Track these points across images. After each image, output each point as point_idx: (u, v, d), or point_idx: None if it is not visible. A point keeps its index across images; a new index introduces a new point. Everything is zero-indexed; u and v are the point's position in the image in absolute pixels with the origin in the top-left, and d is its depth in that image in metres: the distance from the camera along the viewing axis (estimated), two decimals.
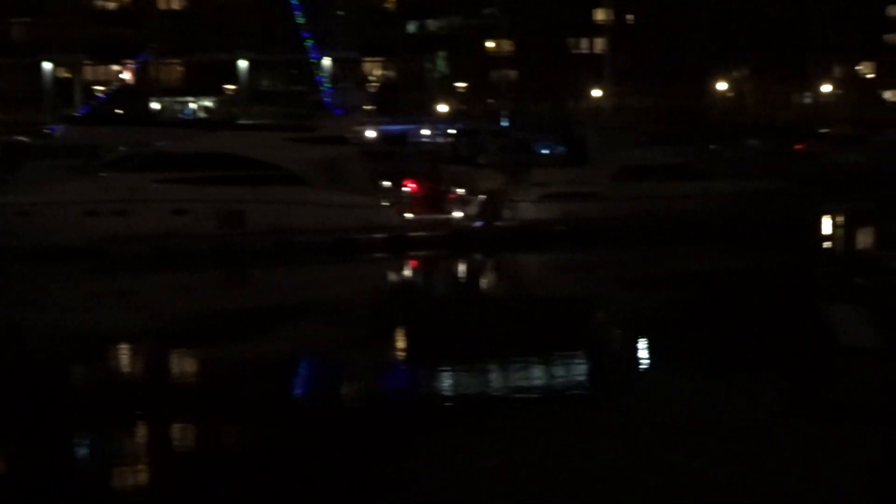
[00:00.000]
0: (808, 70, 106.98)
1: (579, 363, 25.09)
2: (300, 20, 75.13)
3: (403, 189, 42.91)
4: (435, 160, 50.40)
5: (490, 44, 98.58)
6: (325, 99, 72.58)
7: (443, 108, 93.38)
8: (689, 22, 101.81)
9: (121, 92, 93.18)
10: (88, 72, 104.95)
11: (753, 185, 43.85)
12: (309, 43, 76.04)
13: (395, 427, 19.58)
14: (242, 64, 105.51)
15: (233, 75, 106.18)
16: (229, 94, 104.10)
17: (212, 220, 38.47)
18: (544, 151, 52.75)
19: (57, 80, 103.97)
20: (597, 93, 75.39)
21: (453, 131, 61.32)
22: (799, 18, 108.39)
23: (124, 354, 26.95)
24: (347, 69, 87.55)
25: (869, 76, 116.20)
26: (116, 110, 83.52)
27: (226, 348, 26.84)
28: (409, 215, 41.25)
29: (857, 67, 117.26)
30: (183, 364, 26.00)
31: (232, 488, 16.21)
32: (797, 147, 63.22)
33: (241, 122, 61.19)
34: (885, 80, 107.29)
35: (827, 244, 33.42)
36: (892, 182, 43.15)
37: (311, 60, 78.06)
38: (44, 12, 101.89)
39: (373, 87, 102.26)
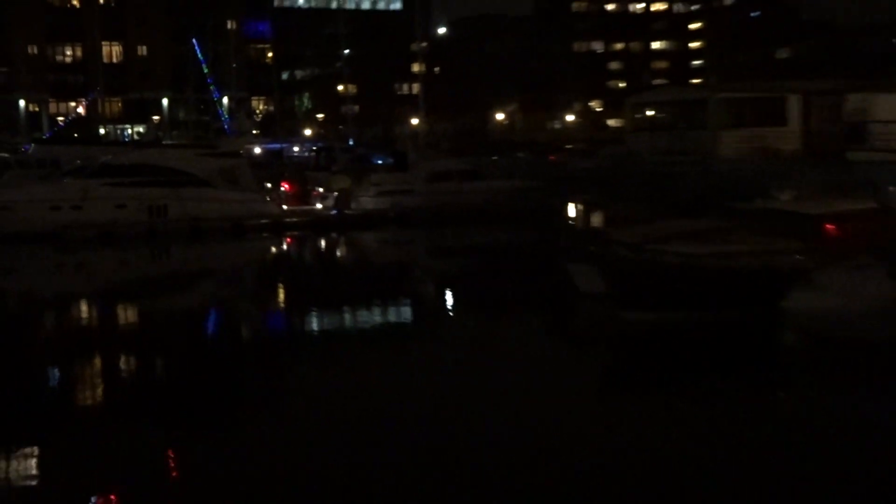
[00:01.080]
0: (557, 105, 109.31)
1: (403, 307, 25.53)
2: (205, 69, 74.58)
3: (280, 188, 43.17)
4: (302, 168, 50.79)
5: (340, 87, 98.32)
6: (224, 125, 72.09)
7: (307, 132, 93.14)
8: (477, 72, 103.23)
9: (76, 121, 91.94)
10: (52, 106, 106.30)
11: (521, 184, 44.76)
12: (212, 86, 75.32)
13: (271, 356, 19.66)
14: (164, 101, 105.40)
15: (157, 109, 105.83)
16: (155, 123, 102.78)
17: (143, 212, 38.00)
18: (379, 162, 53.02)
19: (28, 112, 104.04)
20: (414, 121, 75.76)
21: (315, 148, 61.46)
22: (551, 71, 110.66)
23: (78, 306, 26.68)
24: (239, 104, 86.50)
25: (598, 109, 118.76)
26: (73, 134, 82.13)
27: (154, 301, 26.66)
28: (285, 207, 41.37)
29: (589, 103, 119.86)
30: (123, 312, 25.70)
31: (148, 400, 16.24)
32: (550, 158, 64.29)
33: (164, 142, 60.19)
34: (608, 112, 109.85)
35: (569, 223, 34.22)
36: (611, 182, 44.33)
37: (214, 98, 77.28)
38: (18, 63, 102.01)
39: (258, 117, 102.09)
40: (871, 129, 45.30)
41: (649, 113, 57.72)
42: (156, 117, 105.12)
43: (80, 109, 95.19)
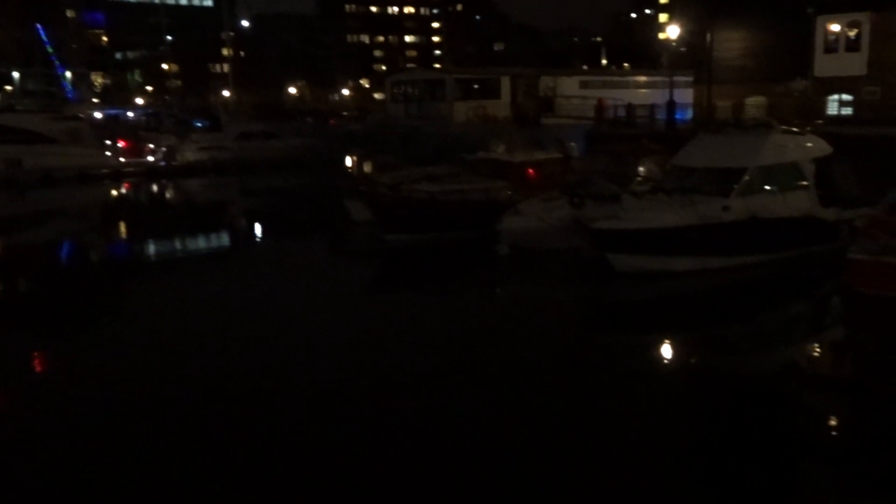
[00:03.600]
0: (335, 82, 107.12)
1: (221, 234, 24.53)
2: (50, 49, 68.05)
3: (117, 145, 40.07)
4: (136, 129, 47.12)
5: (164, 66, 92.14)
6: (67, 95, 65.96)
7: (139, 100, 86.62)
8: (273, 56, 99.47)
9: None
10: None
11: (309, 141, 43.87)
12: (56, 62, 68.90)
13: (116, 276, 18.50)
14: (16, 74, 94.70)
15: (10, 81, 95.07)
16: (9, 92, 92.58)
17: (2, 164, 34.54)
18: (198, 124, 50.12)
19: None
20: (225, 93, 72.15)
21: (146, 113, 57.53)
22: (331, 57, 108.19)
23: None
24: (81, 78, 79.39)
25: (366, 86, 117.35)
26: None
27: (17, 234, 24.36)
28: (122, 160, 38.41)
29: (360, 81, 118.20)
30: None
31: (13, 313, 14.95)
32: (331, 122, 63.28)
33: (18, 108, 54.41)
34: (373, 88, 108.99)
35: (345, 170, 33.77)
36: (376, 140, 44.06)
37: (59, 73, 70.64)
38: None
39: (97, 88, 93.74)
40: (557, 102, 47.44)
41: (403, 89, 57.77)
42: (8, 87, 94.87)
43: None
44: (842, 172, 17.88)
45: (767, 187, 16.57)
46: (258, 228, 25.56)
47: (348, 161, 42.12)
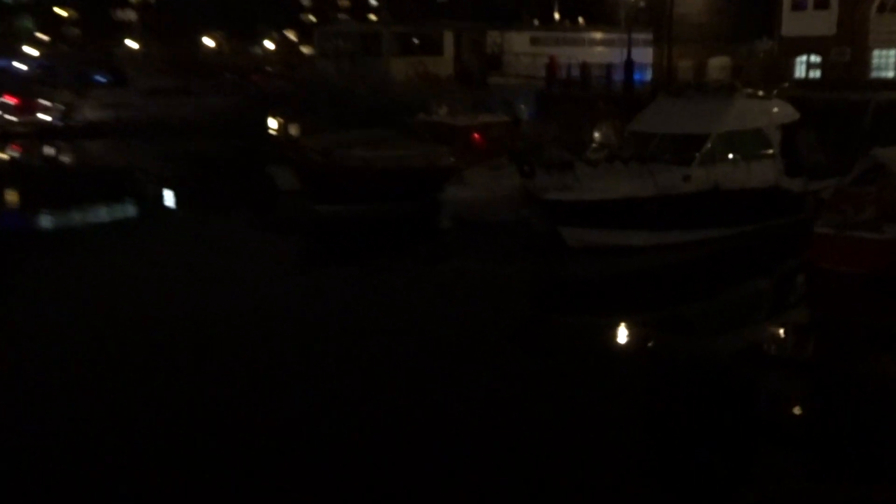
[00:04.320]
0: (258, 34, 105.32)
1: (127, 205, 24.00)
2: None
3: (6, 101, 38.59)
4: (28, 84, 45.41)
5: (60, 11, 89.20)
6: None
7: (31, 51, 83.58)
8: (188, 4, 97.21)
9: None
10: None
11: (228, 100, 43.04)
12: None
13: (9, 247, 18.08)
14: None
15: None
16: None
17: None
18: (100, 79, 48.63)
19: None
20: (132, 44, 70.31)
21: (40, 66, 55.51)
22: (253, 5, 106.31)
23: None
24: None
25: (293, 39, 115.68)
26: None
27: None
28: (11, 118, 37.01)
29: (286, 33, 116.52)
30: None
31: None
32: (253, 78, 62.11)
33: None
34: (301, 41, 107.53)
35: (269, 133, 33.30)
36: (304, 99, 43.49)
37: None
38: None
39: None
40: (506, 60, 47.57)
41: (334, 43, 57.05)
42: None
43: None
44: (808, 140, 18.43)
45: (731, 155, 16.98)
46: (170, 198, 25.08)
47: (273, 123, 41.53)
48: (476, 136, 21.81)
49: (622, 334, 12.88)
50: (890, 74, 30.78)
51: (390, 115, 26.89)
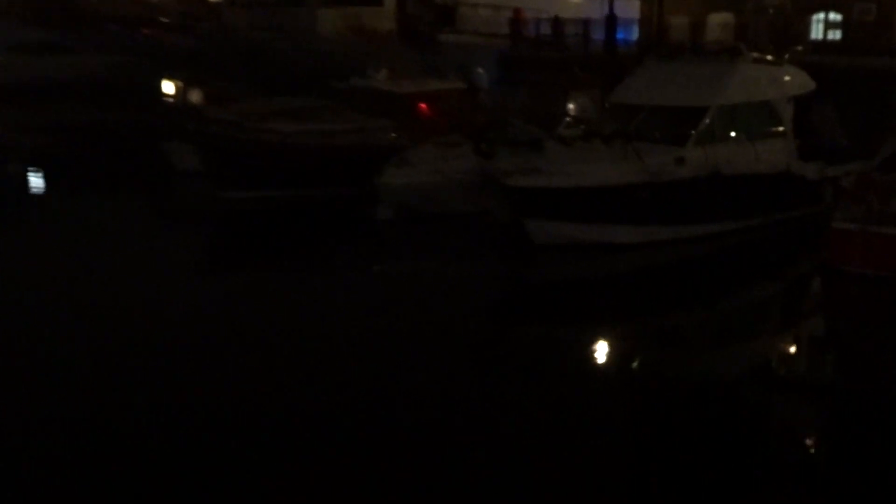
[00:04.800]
0: None
1: None
2: None
3: None
4: None
5: None
6: None
7: None
8: None
9: None
10: None
11: (114, 59, 42.47)
12: None
13: None
14: None
15: None
16: None
17: None
18: None
19: None
20: None
21: None
22: None
23: None
24: None
25: None
26: None
27: None
28: None
29: None
30: None
31: None
32: (143, 32, 61.31)
33: None
34: None
35: (164, 101, 32.87)
36: (209, 58, 43.13)
37: None
38: None
39: None
40: (461, 13, 47.68)
41: None
42: None
43: None
44: (827, 116, 18.78)
45: (733, 134, 17.23)
46: (37, 181, 24.67)
47: (169, 88, 41.04)
48: (423, 106, 21.83)
49: (601, 351, 12.99)
50: None
51: (317, 79, 26.77)
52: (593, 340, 13.20)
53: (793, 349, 13.22)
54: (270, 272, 16.16)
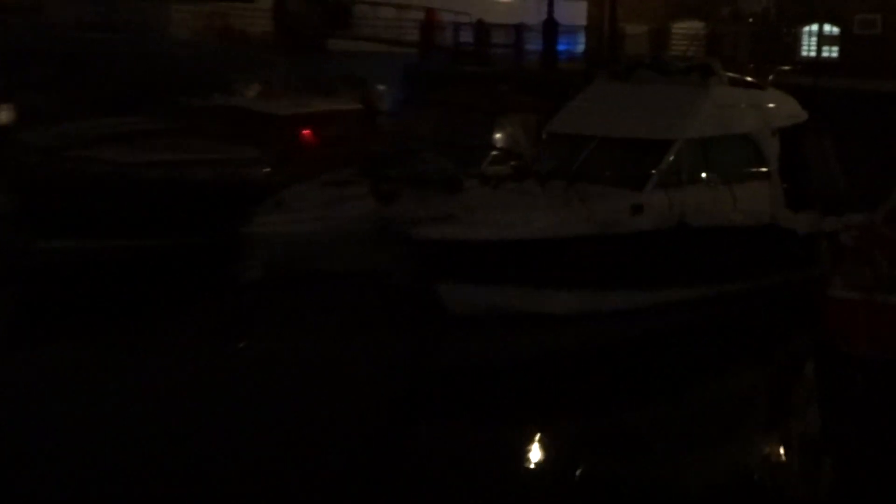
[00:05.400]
0: None
1: None
2: None
3: None
4: None
5: None
6: None
7: None
8: None
9: None
10: None
11: None
12: None
13: None
14: None
15: None
16: None
17: None
18: None
19: None
20: None
21: None
22: None
23: None
24: None
25: None
26: None
27: None
28: None
29: None
30: None
31: None
32: None
33: None
34: None
35: None
36: (18, 67, 42.61)
37: None
38: None
39: None
40: (357, 13, 47.88)
41: None
42: None
43: None
44: (821, 153, 19.16)
45: (704, 175, 17.45)
46: None
47: None
48: (306, 132, 21.90)
49: (533, 458, 12.89)
50: None
51: (165, 94, 26.64)
52: (523, 444, 13.10)
53: (781, 455, 13.28)
54: (97, 347, 15.94)
